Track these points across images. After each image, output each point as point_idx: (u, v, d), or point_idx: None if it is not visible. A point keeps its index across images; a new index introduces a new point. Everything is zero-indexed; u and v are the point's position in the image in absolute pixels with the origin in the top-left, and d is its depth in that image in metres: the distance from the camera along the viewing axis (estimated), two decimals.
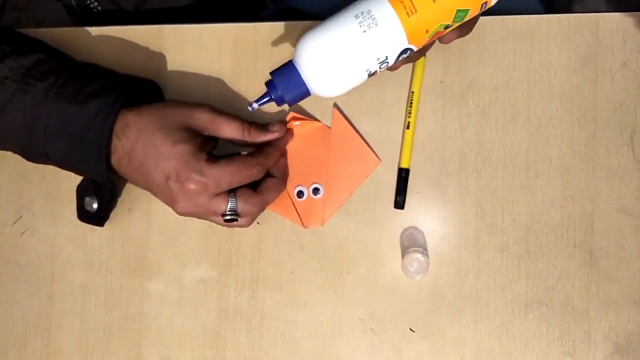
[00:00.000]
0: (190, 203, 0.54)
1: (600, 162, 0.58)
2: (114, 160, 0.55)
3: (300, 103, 0.61)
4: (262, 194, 0.57)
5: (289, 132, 0.61)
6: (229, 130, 0.56)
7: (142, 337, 0.63)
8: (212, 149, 0.59)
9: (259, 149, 0.58)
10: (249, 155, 0.56)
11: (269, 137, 0.58)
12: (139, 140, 0.54)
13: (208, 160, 0.54)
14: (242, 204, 0.55)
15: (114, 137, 0.54)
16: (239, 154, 0.57)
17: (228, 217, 0.55)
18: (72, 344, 0.64)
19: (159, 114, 0.55)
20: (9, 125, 0.55)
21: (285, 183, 0.61)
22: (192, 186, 0.53)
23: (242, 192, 0.56)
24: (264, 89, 0.52)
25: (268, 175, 0.59)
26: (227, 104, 0.61)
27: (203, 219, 0.57)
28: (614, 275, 0.57)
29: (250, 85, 0.63)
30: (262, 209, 0.58)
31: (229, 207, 0.55)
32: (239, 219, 0.56)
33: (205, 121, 0.55)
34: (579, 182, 0.58)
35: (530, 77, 0.59)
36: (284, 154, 0.62)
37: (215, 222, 0.57)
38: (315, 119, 0.61)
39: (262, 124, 0.59)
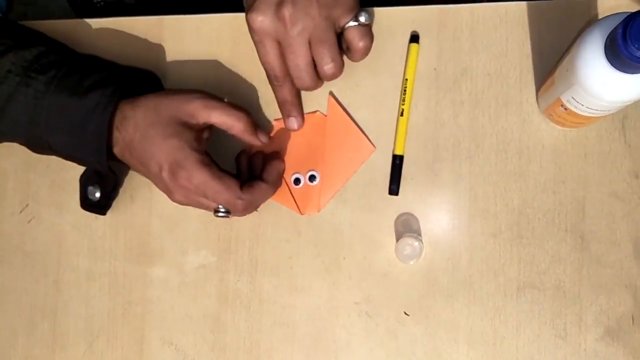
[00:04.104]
0: (182, 196, 0.56)
1: (592, 147, 0.58)
2: (117, 151, 0.57)
3: None
4: (249, 196, 0.57)
5: (283, 165, 0.62)
6: (219, 116, 0.56)
7: (145, 321, 0.65)
8: (207, 142, 0.59)
9: (251, 182, 0.58)
10: (238, 184, 0.56)
11: (252, 139, 0.58)
12: (136, 133, 0.55)
13: (198, 161, 0.55)
14: None
15: (114, 129, 0.56)
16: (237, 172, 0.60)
17: (220, 215, 0.57)
18: (78, 328, 0.66)
19: (152, 108, 0.56)
20: (13, 117, 0.57)
21: (275, 189, 0.61)
22: (180, 181, 0.55)
23: None
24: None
25: (259, 178, 0.60)
26: (225, 93, 0.62)
27: (199, 208, 0.59)
28: (605, 259, 0.57)
29: (248, 74, 0.64)
30: (252, 210, 0.59)
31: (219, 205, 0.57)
32: (230, 216, 0.58)
33: (196, 109, 0.56)
34: (570, 168, 0.58)
35: (523, 63, 0.59)
36: (281, 157, 0.62)
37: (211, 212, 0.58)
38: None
39: (254, 123, 0.58)
